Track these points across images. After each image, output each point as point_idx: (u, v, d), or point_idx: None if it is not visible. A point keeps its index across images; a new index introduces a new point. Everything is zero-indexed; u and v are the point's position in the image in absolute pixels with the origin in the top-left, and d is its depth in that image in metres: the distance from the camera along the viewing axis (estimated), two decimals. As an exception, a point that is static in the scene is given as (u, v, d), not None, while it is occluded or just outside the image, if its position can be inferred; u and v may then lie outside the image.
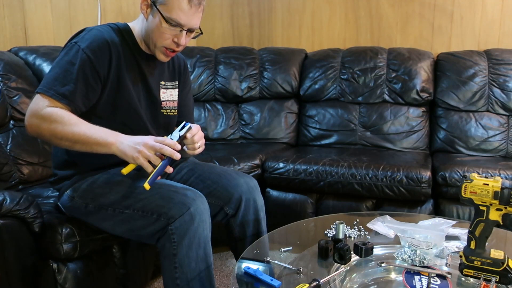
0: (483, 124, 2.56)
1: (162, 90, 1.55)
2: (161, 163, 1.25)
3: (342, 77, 2.82)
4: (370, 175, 2.17)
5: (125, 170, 1.29)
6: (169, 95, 1.57)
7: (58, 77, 1.32)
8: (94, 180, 1.42)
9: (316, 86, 2.84)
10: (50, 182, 1.55)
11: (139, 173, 1.35)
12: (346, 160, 2.29)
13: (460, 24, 2.84)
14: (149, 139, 1.25)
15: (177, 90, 1.61)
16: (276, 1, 3.17)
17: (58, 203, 1.52)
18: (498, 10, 2.75)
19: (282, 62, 2.92)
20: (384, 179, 2.15)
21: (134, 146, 1.23)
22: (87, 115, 1.37)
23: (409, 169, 2.15)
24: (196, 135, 1.38)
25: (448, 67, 2.69)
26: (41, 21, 2.45)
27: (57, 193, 1.53)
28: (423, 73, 2.69)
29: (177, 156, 1.24)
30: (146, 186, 1.25)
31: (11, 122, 1.94)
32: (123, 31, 1.45)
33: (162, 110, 1.55)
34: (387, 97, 2.75)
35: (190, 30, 1.40)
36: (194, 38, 1.46)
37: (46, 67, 2.16)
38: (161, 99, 1.54)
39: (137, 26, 1.47)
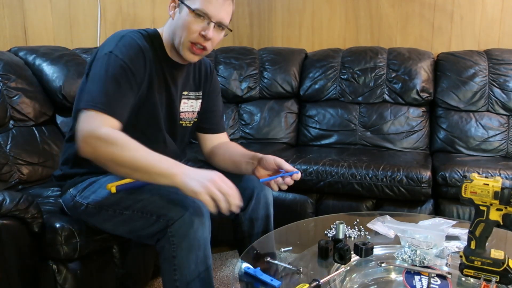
0: (483, 124, 2.56)
1: (183, 101, 1.51)
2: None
3: (342, 77, 2.82)
4: (370, 175, 2.17)
5: (111, 185, 1.28)
6: (189, 105, 1.53)
7: (104, 90, 1.26)
8: (95, 180, 1.42)
9: (316, 86, 2.84)
10: (54, 176, 1.53)
11: None
12: (346, 160, 2.29)
13: (460, 24, 2.83)
14: (217, 176, 1.16)
15: (200, 101, 1.57)
16: (276, 1, 3.17)
17: (60, 200, 1.51)
18: (498, 10, 2.75)
19: (282, 62, 2.92)
20: (384, 179, 2.15)
21: (200, 180, 1.15)
22: None
23: (409, 169, 2.15)
24: (284, 184, 1.39)
25: (448, 67, 2.69)
26: (41, 21, 2.45)
27: (58, 193, 1.53)
28: (423, 73, 2.69)
29: (226, 213, 1.15)
30: (113, 189, 1.26)
31: (11, 122, 1.94)
32: (152, 37, 1.41)
33: (181, 122, 1.52)
34: (387, 97, 2.75)
35: (219, 25, 1.36)
36: (224, 36, 1.41)
37: (46, 67, 2.16)
38: (180, 109, 1.51)
39: (166, 31, 1.43)
